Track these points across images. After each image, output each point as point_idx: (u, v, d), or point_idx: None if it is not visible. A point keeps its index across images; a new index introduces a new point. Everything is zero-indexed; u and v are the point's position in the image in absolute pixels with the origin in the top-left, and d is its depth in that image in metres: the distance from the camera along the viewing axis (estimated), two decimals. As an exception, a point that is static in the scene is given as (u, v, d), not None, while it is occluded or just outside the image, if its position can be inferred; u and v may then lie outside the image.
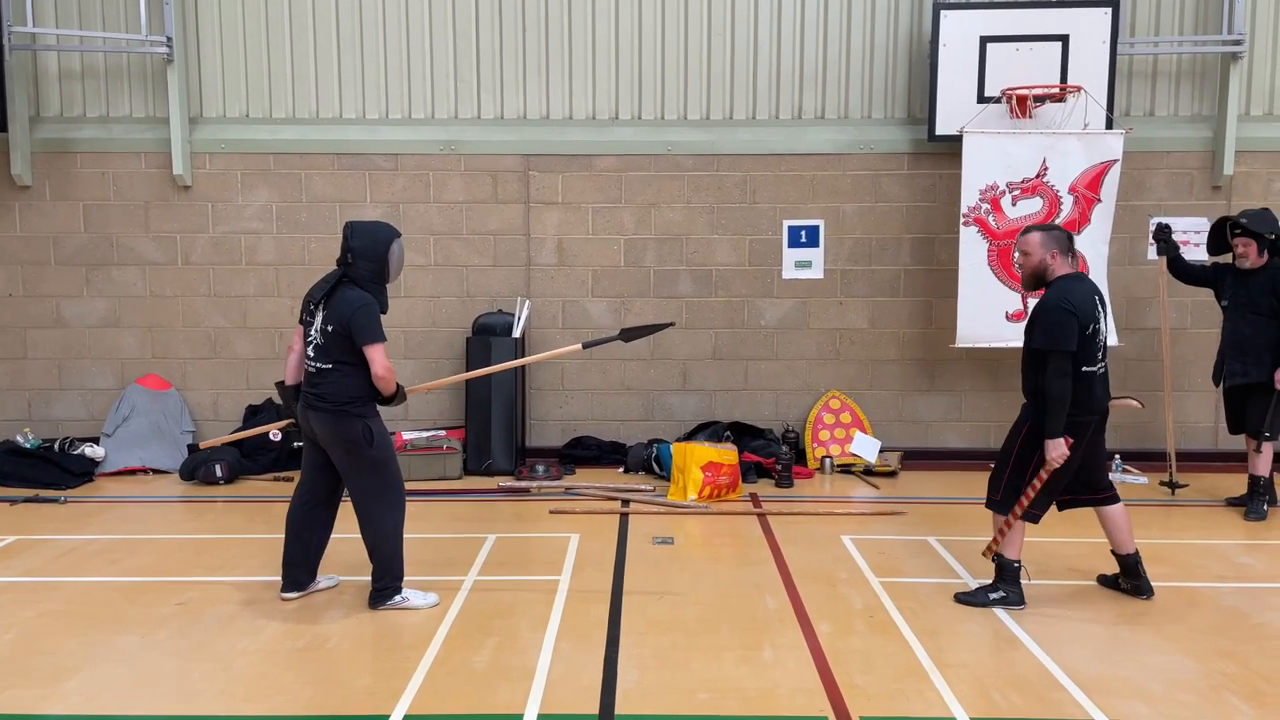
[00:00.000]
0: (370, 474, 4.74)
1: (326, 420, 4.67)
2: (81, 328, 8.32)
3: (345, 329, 4.60)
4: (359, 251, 4.67)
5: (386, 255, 4.70)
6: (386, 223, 4.93)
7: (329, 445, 4.73)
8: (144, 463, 7.86)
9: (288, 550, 4.94)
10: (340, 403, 4.65)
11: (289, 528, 4.94)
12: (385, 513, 4.77)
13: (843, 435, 8.09)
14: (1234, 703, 3.87)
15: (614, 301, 8.31)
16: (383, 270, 4.72)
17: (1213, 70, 8.12)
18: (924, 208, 8.20)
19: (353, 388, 4.66)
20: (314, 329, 4.71)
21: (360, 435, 4.66)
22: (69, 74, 8.25)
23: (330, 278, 4.74)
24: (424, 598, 4.88)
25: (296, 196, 8.23)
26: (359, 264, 4.67)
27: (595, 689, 3.95)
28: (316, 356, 4.70)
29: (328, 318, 4.65)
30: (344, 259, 4.70)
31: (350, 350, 4.64)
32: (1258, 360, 6.51)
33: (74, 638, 4.50)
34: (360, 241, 4.68)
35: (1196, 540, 6.01)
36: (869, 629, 4.60)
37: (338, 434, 4.67)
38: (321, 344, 4.68)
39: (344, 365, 4.65)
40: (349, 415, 4.65)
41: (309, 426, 4.77)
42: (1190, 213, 8.00)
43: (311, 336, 4.73)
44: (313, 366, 4.73)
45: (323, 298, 4.68)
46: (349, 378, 4.66)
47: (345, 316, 4.60)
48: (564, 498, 7.15)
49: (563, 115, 8.26)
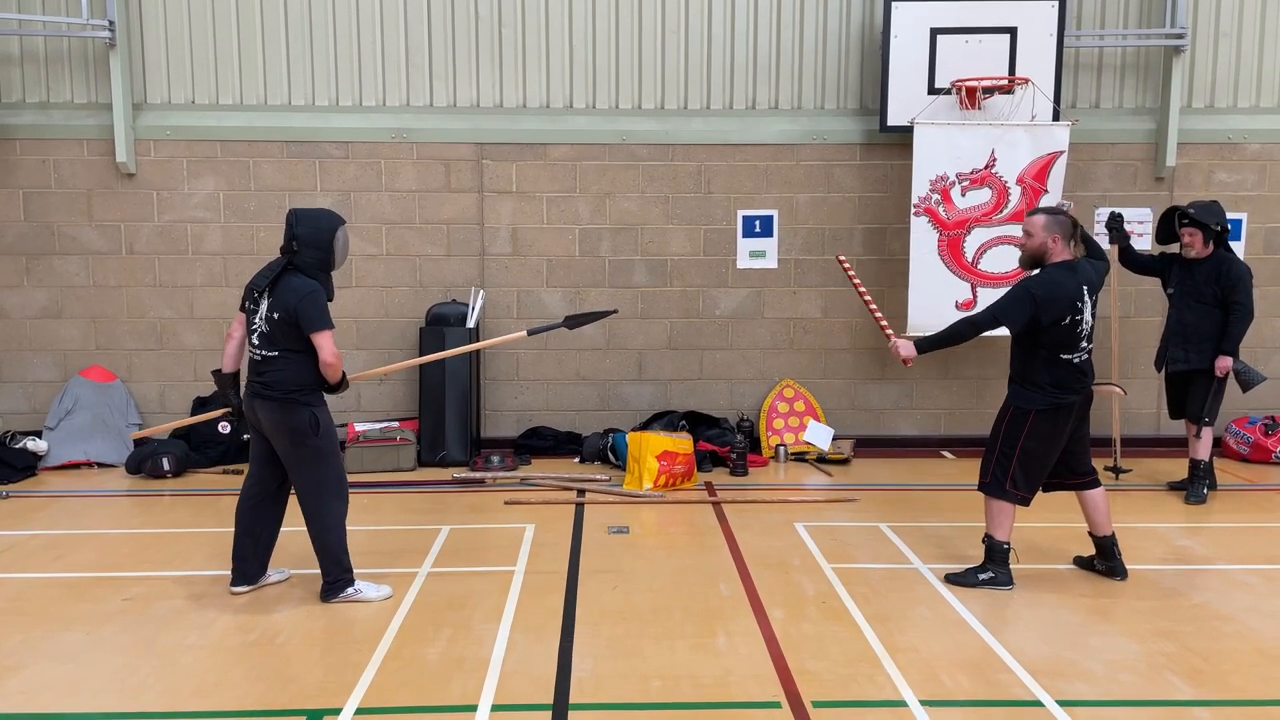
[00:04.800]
0: (314, 464, 4.70)
1: (273, 408, 4.62)
2: (22, 318, 8.11)
3: (292, 316, 4.57)
4: (304, 239, 4.63)
5: (331, 242, 4.68)
6: (330, 210, 4.89)
7: (274, 435, 4.69)
8: (88, 456, 7.70)
9: (237, 544, 4.88)
10: (288, 390, 4.61)
11: (239, 521, 4.88)
12: (329, 505, 4.74)
13: (796, 424, 8.15)
14: (1173, 681, 3.97)
15: (569, 291, 8.29)
16: (328, 258, 4.69)
17: (1156, 63, 8.28)
18: (876, 198, 8.28)
19: (300, 376, 4.63)
20: (259, 317, 4.66)
21: (306, 424, 4.62)
22: (7, 58, 8.02)
23: (274, 265, 4.69)
24: (377, 590, 4.85)
25: (244, 185, 8.09)
26: (304, 251, 4.64)
27: (549, 679, 3.95)
28: (261, 344, 4.66)
29: (273, 305, 4.61)
30: (288, 246, 4.66)
31: (297, 338, 4.60)
32: (1199, 347, 6.66)
33: (16, 635, 4.41)
34: (305, 229, 4.65)
35: (1139, 524, 6.15)
36: (822, 615, 4.65)
37: (284, 423, 4.63)
38: (267, 332, 4.64)
39: (290, 353, 4.62)
40: (296, 403, 4.61)
41: (254, 416, 4.72)
42: (1134, 203, 8.16)
43: (256, 324, 4.68)
44: (258, 354, 4.69)
45: (268, 285, 4.63)
46: (296, 365, 4.63)
47: (291, 305, 4.56)
48: (519, 488, 7.13)
49: (517, 104, 8.21)
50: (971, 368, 8.34)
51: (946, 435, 8.47)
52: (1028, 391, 4.85)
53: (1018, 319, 4.74)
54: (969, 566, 5.12)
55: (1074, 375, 4.84)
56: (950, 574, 5.10)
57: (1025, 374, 4.86)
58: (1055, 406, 4.81)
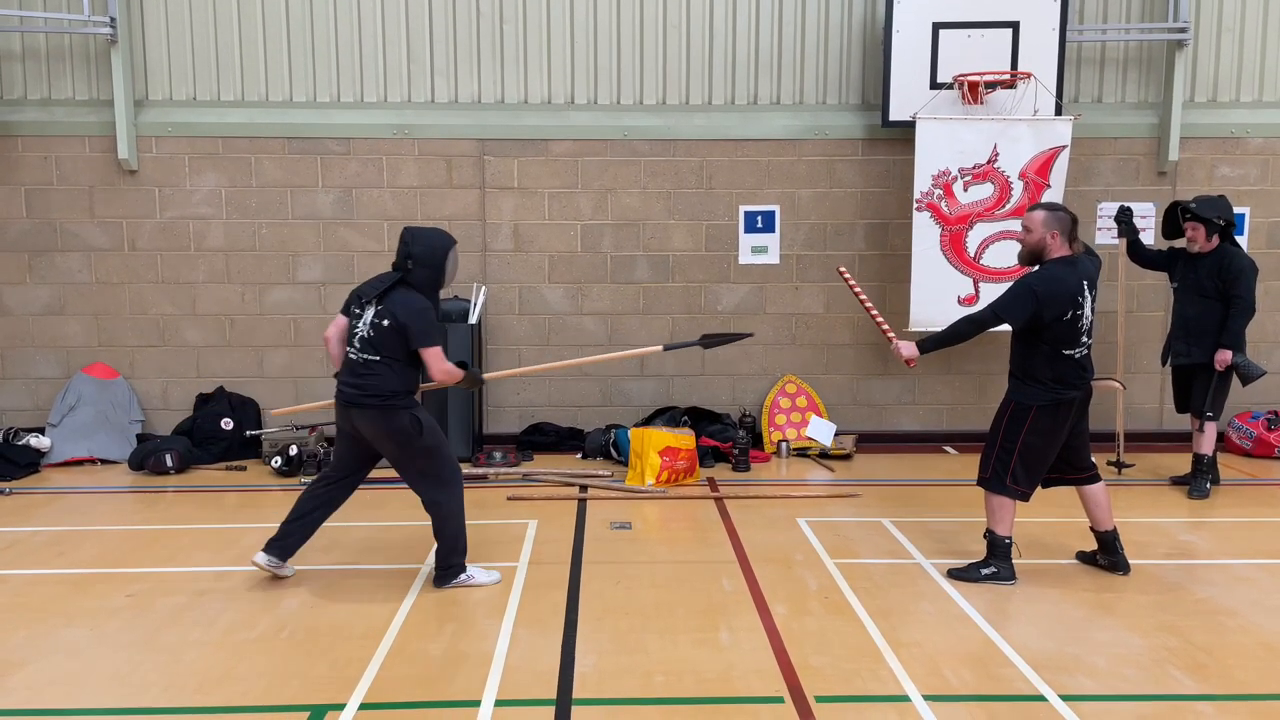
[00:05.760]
0: (427, 460, 4.82)
1: (373, 417, 4.73)
2: (25, 315, 8.12)
3: (402, 329, 4.68)
4: (419, 258, 4.76)
5: (444, 262, 4.83)
6: (442, 230, 5.01)
7: (378, 441, 4.81)
8: (91, 453, 7.71)
9: (292, 522, 4.97)
10: (385, 397, 4.72)
11: (303, 502, 4.98)
12: (448, 495, 4.87)
13: (798, 419, 8.15)
14: (1177, 676, 3.97)
15: (571, 287, 8.29)
16: (439, 277, 4.83)
17: (1159, 58, 8.26)
18: (878, 193, 8.27)
19: (397, 382, 4.75)
20: (363, 322, 4.77)
21: (409, 426, 4.74)
22: (9, 55, 8.02)
23: (385, 278, 4.82)
24: (487, 575, 4.99)
25: (246, 181, 8.09)
26: (418, 270, 4.77)
27: (553, 674, 3.96)
28: (363, 348, 4.76)
29: (382, 313, 4.73)
30: (402, 264, 4.78)
31: (400, 348, 4.73)
32: (1201, 341, 6.66)
33: (19, 631, 4.41)
34: (420, 248, 4.78)
35: (1142, 519, 6.15)
36: (824, 610, 4.65)
37: (386, 429, 4.74)
38: (371, 337, 4.74)
39: (392, 360, 4.74)
40: (394, 409, 4.73)
41: (348, 423, 4.84)
42: (1137, 198, 8.13)
43: (359, 329, 4.78)
44: (358, 358, 4.77)
45: (376, 295, 4.76)
46: (394, 371, 4.74)
47: (403, 319, 4.68)
48: (522, 484, 7.13)
49: (518, 99, 8.20)
50: (973, 363, 8.33)
51: (949, 430, 8.47)
52: (1029, 387, 4.84)
53: (1019, 315, 4.74)
54: (971, 561, 5.12)
55: (1075, 371, 4.83)
56: (953, 569, 5.11)
57: (1026, 370, 4.86)
58: (1056, 402, 4.80)
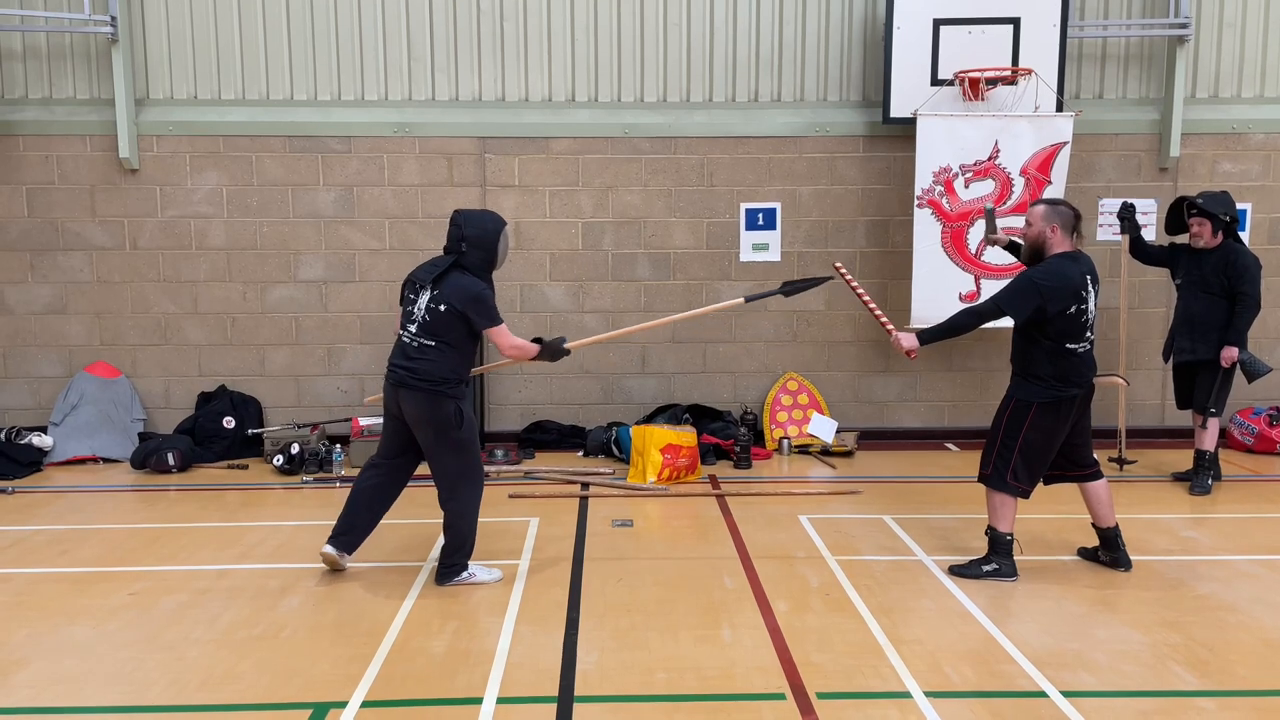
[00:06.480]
0: (456, 454, 4.83)
1: (421, 400, 4.74)
2: (26, 314, 8.13)
3: (459, 312, 4.71)
4: (472, 240, 4.79)
5: (496, 243, 4.84)
6: (493, 211, 5.02)
7: (417, 424, 4.80)
8: (93, 452, 7.72)
9: (352, 518, 4.98)
10: (435, 381, 4.73)
11: (360, 496, 4.98)
12: (468, 492, 4.88)
13: (800, 416, 8.15)
14: (1178, 672, 3.97)
15: (572, 285, 8.29)
16: (492, 258, 4.85)
17: (1159, 53, 8.25)
18: (879, 190, 8.26)
19: (448, 368, 4.76)
20: (418, 307, 4.80)
21: (451, 416, 4.75)
22: (10, 54, 8.02)
23: (439, 262, 4.84)
24: (488, 573, 4.99)
25: (247, 179, 8.10)
26: (471, 252, 4.79)
27: (554, 672, 3.96)
28: (419, 333, 4.78)
29: (438, 297, 4.75)
30: (456, 247, 4.80)
31: (456, 331, 4.75)
32: (1206, 338, 6.64)
33: (22, 630, 4.42)
34: (473, 229, 4.80)
35: (1143, 515, 6.15)
36: (826, 607, 4.66)
37: (430, 414, 4.75)
38: (427, 321, 4.76)
39: (446, 345, 4.76)
40: (443, 395, 4.74)
41: (395, 405, 4.85)
42: (1139, 194, 8.13)
43: (415, 314, 4.80)
44: (413, 342, 4.79)
45: (431, 280, 4.77)
46: (447, 357, 4.76)
47: (461, 301, 4.71)
48: (523, 481, 7.14)
49: (519, 97, 8.20)
50: (975, 360, 8.33)
51: (950, 427, 8.47)
52: (1030, 384, 4.84)
53: (1023, 309, 4.74)
54: (973, 558, 5.12)
55: (1077, 367, 4.83)
56: (954, 566, 5.11)
57: (1028, 366, 4.86)
58: (1057, 399, 4.80)
